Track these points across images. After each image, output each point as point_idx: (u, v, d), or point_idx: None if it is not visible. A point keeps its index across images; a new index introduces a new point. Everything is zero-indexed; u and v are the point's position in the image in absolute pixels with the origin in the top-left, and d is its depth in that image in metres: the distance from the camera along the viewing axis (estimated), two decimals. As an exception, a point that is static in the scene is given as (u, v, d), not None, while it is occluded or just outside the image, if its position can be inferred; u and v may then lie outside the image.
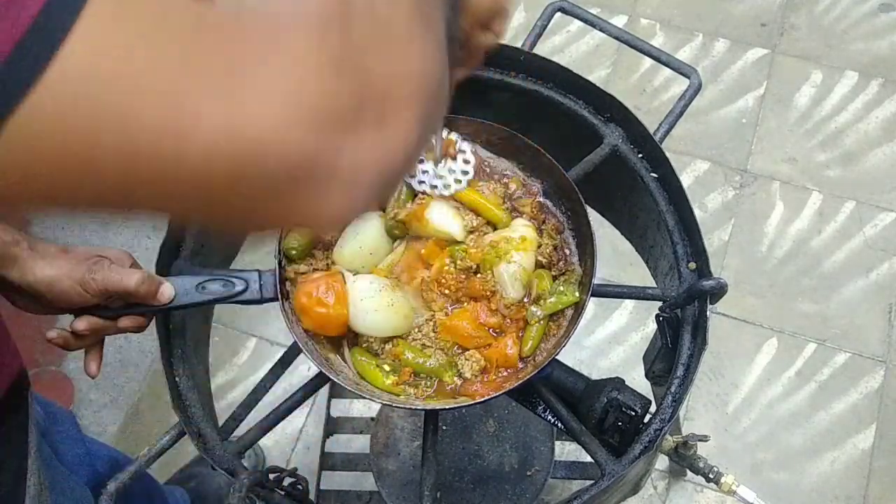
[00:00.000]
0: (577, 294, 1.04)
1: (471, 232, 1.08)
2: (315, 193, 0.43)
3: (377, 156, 0.45)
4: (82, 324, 0.93)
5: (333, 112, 0.42)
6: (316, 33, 0.42)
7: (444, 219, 1.06)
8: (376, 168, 0.45)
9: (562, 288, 1.05)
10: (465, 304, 1.05)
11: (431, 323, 1.05)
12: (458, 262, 1.04)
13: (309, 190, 0.42)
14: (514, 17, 2.39)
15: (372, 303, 1.01)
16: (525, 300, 1.05)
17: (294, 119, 0.40)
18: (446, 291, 1.05)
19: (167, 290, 0.96)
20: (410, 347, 1.03)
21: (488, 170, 1.14)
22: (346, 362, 1.04)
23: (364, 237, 1.06)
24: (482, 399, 1.00)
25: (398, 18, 0.48)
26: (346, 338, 1.05)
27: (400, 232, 1.08)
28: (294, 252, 1.06)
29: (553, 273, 1.07)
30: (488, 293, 1.04)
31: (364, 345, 1.04)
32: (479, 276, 1.05)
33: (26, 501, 0.87)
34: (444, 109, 0.54)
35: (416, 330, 1.05)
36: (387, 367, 1.02)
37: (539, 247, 1.07)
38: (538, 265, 1.07)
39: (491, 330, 1.04)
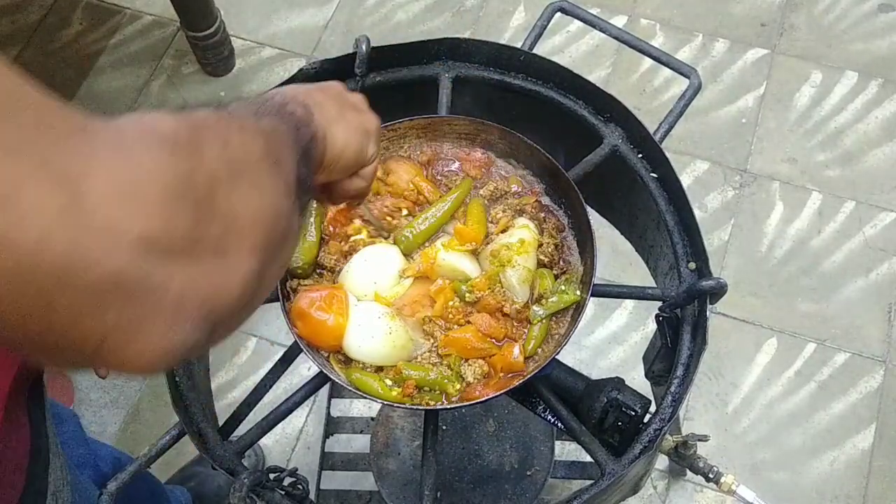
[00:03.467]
0: (578, 293, 1.04)
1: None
2: (135, 315, 0.41)
3: (210, 286, 0.44)
4: None
5: (167, 235, 0.41)
6: (167, 154, 0.42)
7: (459, 260, 1.05)
8: (207, 300, 0.44)
9: (563, 287, 1.05)
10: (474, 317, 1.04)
11: (433, 350, 1.03)
12: (467, 296, 1.03)
13: (129, 310, 0.40)
14: (515, 16, 2.40)
15: (369, 329, 1.00)
16: (528, 300, 1.05)
17: (125, 233, 0.39)
18: (455, 326, 1.03)
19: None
20: (411, 366, 1.02)
21: (492, 170, 1.14)
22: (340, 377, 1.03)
23: (370, 265, 1.05)
24: (483, 399, 1.00)
25: (249, 160, 0.50)
26: (333, 357, 1.03)
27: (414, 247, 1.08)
28: (299, 271, 1.06)
29: (554, 272, 1.07)
30: (501, 303, 1.04)
31: (359, 365, 1.03)
32: (488, 293, 1.04)
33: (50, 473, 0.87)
34: (292, 247, 0.55)
35: (416, 359, 1.03)
36: (389, 382, 1.01)
37: (540, 246, 1.07)
38: (539, 264, 1.07)
39: (494, 340, 1.03)
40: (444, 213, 1.09)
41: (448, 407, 1.01)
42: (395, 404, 1.00)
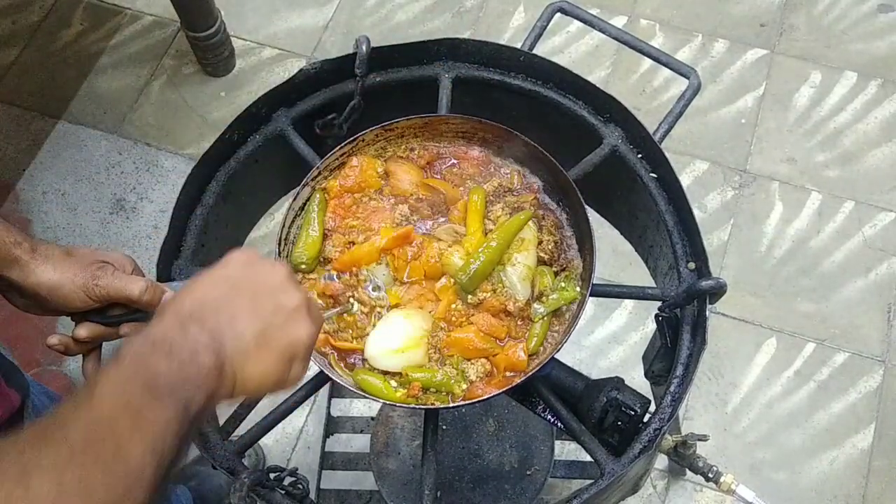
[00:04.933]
0: (578, 289, 1.05)
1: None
2: None
3: None
4: (84, 331, 0.92)
5: None
6: None
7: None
8: None
9: (563, 284, 1.05)
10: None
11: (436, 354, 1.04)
12: (469, 298, 1.04)
13: None
14: (515, 17, 2.40)
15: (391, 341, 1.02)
16: (529, 298, 1.05)
17: None
18: (458, 328, 1.04)
19: (170, 297, 0.95)
20: (416, 368, 1.03)
21: (491, 168, 1.14)
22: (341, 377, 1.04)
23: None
24: (483, 397, 1.00)
25: None
26: (333, 357, 1.04)
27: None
28: (304, 266, 1.08)
29: (554, 269, 1.08)
30: (504, 303, 1.04)
31: (366, 366, 1.04)
32: (491, 294, 1.05)
33: None
34: None
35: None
36: (394, 384, 1.02)
37: (540, 243, 1.08)
38: (539, 262, 1.07)
39: (496, 339, 1.04)
40: (493, 254, 1.06)
41: (448, 406, 1.02)
42: (396, 404, 1.00)
